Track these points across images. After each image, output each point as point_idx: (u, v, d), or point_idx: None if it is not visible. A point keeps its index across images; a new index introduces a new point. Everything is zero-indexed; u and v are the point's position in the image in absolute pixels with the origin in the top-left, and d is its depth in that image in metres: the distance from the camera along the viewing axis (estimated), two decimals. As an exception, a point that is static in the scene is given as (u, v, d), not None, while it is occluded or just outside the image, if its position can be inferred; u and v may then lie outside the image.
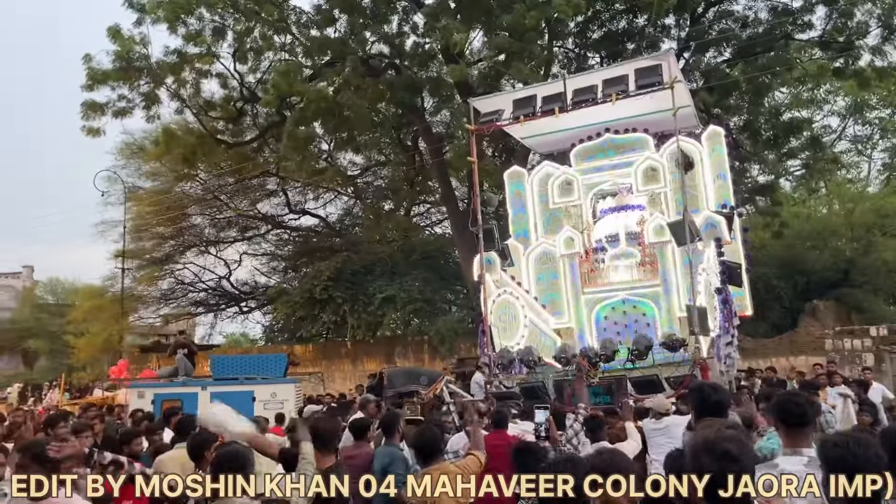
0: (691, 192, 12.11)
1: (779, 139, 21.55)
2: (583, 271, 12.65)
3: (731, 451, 2.37)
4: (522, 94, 12.77)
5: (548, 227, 13.67)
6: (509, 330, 12.08)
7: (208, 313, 31.63)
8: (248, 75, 23.59)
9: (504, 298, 12.21)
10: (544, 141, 14.17)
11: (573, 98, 11.84)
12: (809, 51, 21.62)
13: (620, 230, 12.49)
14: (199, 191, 28.60)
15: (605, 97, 11.54)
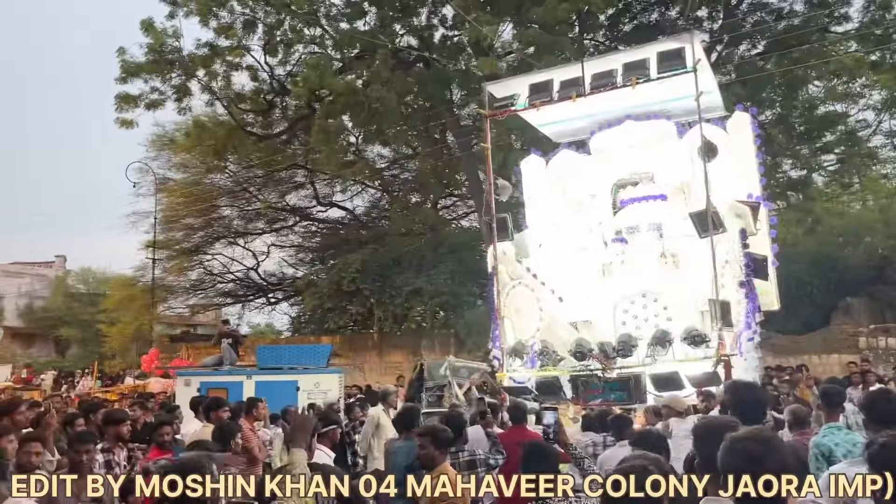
0: (716, 182, 11.39)
1: (813, 134, 21.22)
2: (603, 263, 12.27)
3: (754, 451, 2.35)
4: (539, 77, 12.18)
5: (566, 217, 13.18)
6: (524, 323, 11.74)
7: (236, 304, 31.98)
8: (278, 68, 23.78)
9: (519, 290, 11.90)
10: (563, 129, 13.60)
11: (592, 83, 11.32)
12: (845, 44, 21.23)
13: (642, 221, 12.09)
14: (229, 182, 28.87)
15: (626, 82, 11.00)
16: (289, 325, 32.31)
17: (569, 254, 12.62)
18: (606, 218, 12.77)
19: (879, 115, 26.29)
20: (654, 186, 12.37)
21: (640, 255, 11.92)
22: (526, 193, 13.77)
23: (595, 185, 12.91)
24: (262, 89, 23.99)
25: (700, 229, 10.38)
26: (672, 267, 11.54)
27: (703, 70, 10.96)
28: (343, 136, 23.78)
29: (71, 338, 34.85)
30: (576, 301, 12.35)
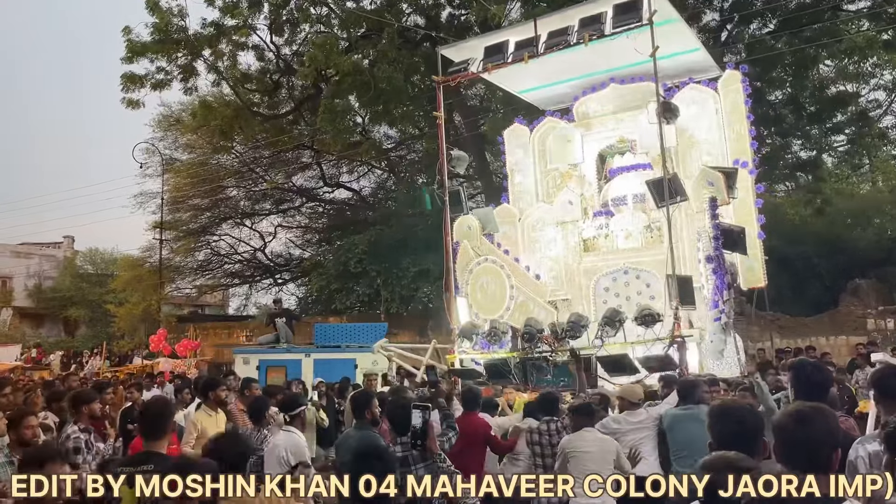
0: (706, 146, 10.99)
1: (823, 114, 21.00)
2: (585, 238, 11.65)
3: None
4: (493, 39, 11.58)
5: (547, 189, 12.52)
6: (491, 302, 10.99)
7: (243, 284, 32.11)
8: (284, 48, 23.66)
9: (486, 266, 11.11)
10: (548, 95, 12.86)
11: (547, 41, 10.62)
12: (857, 22, 20.93)
13: (628, 192, 11.38)
14: (235, 163, 28.84)
15: (580, 39, 10.26)
16: (296, 306, 32.42)
17: (548, 228, 12.04)
18: (589, 190, 12.12)
19: (891, 95, 26.01)
20: (641, 155, 11.56)
21: (625, 228, 11.34)
22: (508, 164, 13.05)
23: (577, 154, 12.07)
24: (269, 69, 23.88)
25: (657, 198, 9.76)
26: (657, 241, 10.90)
27: (680, 26, 10.36)
28: (349, 116, 23.67)
29: (79, 318, 35.05)
30: (555, 279, 11.81)
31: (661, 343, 9.08)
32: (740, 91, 11.07)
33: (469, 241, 11.66)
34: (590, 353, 9.25)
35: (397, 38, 20.25)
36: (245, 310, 34.04)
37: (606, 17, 10.19)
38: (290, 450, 5.37)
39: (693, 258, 10.16)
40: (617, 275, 11.21)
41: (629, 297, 10.93)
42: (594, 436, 5.59)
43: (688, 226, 10.46)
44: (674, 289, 9.15)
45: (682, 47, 10.97)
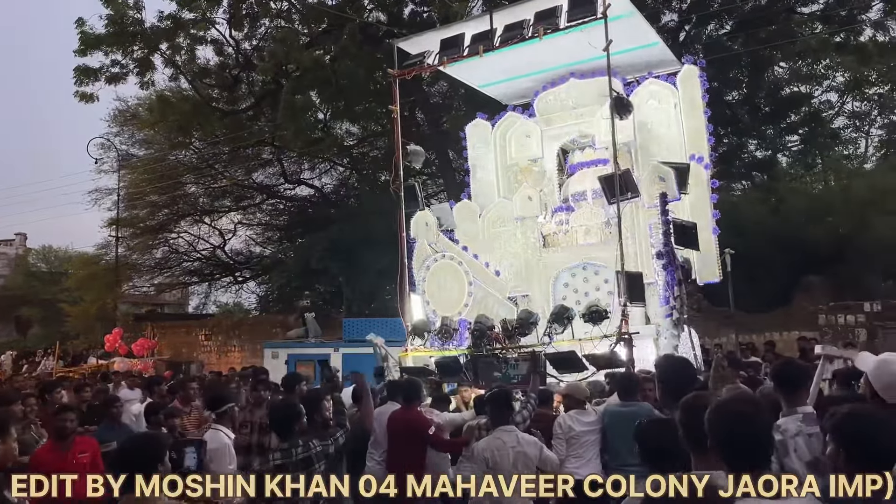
0: (666, 141, 10.99)
1: (778, 114, 21.45)
2: (544, 233, 11.60)
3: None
4: (449, 32, 11.44)
5: (508, 184, 12.44)
6: (448, 299, 10.83)
7: (203, 283, 31.63)
8: (243, 42, 23.36)
9: (443, 263, 10.95)
10: (509, 90, 12.77)
11: (503, 35, 10.52)
12: (811, 25, 21.44)
13: (587, 188, 11.37)
14: (194, 159, 28.36)
15: (534, 33, 10.15)
16: (256, 304, 32.09)
17: (508, 224, 11.92)
18: (549, 185, 12.06)
19: (843, 96, 26.72)
20: (601, 150, 11.46)
21: (584, 224, 11.29)
22: (470, 159, 12.97)
23: (537, 149, 12.04)
24: (228, 64, 23.57)
25: (608, 194, 9.73)
26: (616, 237, 10.52)
27: (637, 20, 10.26)
28: (310, 112, 23.48)
29: (32, 317, 34.18)
30: (515, 275, 11.72)
31: (609, 340, 9.02)
32: (698, 86, 11.10)
33: (426, 237, 11.54)
34: (538, 351, 9.09)
35: (359, 33, 20.13)
36: (205, 308, 33.61)
37: (561, 11, 10.13)
38: (210, 448, 5.43)
39: (647, 254, 10.19)
40: (576, 270, 11.19)
41: (588, 292, 10.92)
42: (513, 439, 5.17)
43: (643, 221, 10.45)
44: (623, 285, 9.12)
45: (641, 42, 10.91)
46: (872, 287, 19.25)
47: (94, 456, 5.63)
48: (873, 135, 28.12)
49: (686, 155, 10.80)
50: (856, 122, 27.71)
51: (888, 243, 19.45)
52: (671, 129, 11.11)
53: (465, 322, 10.74)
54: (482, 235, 12.11)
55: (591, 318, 9.27)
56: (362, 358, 12.10)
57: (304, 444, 4.66)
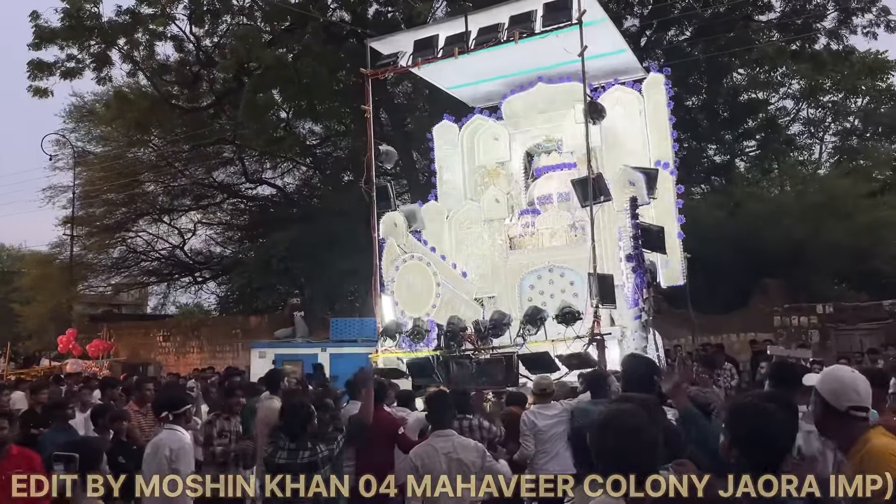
0: (630, 146, 11.20)
1: (735, 120, 21.85)
2: (510, 236, 11.74)
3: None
4: (423, 34, 11.51)
5: (475, 187, 12.54)
6: (417, 300, 10.84)
7: (161, 283, 31.06)
8: (204, 39, 23.02)
9: (412, 264, 10.96)
10: (477, 92, 12.85)
11: (477, 37, 10.61)
12: (768, 33, 21.91)
13: (553, 191, 11.59)
14: (153, 157, 27.82)
15: (510, 37, 10.27)
16: (216, 305, 31.64)
17: (476, 226, 12.07)
18: (516, 188, 12.21)
19: (798, 103, 27.37)
20: (567, 154, 11.74)
21: (550, 226, 11.46)
22: (437, 161, 13.03)
23: (504, 152, 12.20)
24: (188, 61, 23.18)
25: (581, 197, 9.88)
26: (581, 239, 10.99)
27: (606, 27, 10.42)
28: (272, 111, 23.23)
29: (-18, 318, 33.18)
30: (482, 276, 11.84)
31: (582, 341, 9.17)
32: (663, 93, 11.34)
33: (395, 237, 11.50)
34: (512, 352, 9.27)
35: (322, 32, 19.98)
36: (163, 309, 32.99)
37: (536, 16, 10.23)
38: (172, 448, 5.28)
39: (615, 257, 10.36)
40: (542, 272, 11.32)
41: (553, 294, 11.05)
42: (448, 445, 4.74)
43: (610, 225, 10.62)
44: (594, 287, 9.23)
45: (609, 48, 11.09)
46: (825, 290, 19.71)
47: (30, 472, 5.32)
48: (827, 141, 28.88)
49: (651, 160, 11.01)
50: (810, 129, 28.41)
51: (841, 247, 19.97)
52: (636, 135, 11.33)
53: (433, 322, 10.75)
54: (449, 237, 12.23)
55: (564, 320, 9.41)
56: (350, 357, 12.14)
57: (312, 447, 4.73)
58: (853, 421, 2.85)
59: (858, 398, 2.89)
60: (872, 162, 26.49)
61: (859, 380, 2.95)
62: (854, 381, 2.93)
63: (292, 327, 15.44)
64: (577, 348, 9.03)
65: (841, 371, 3.06)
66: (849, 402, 2.87)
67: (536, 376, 7.14)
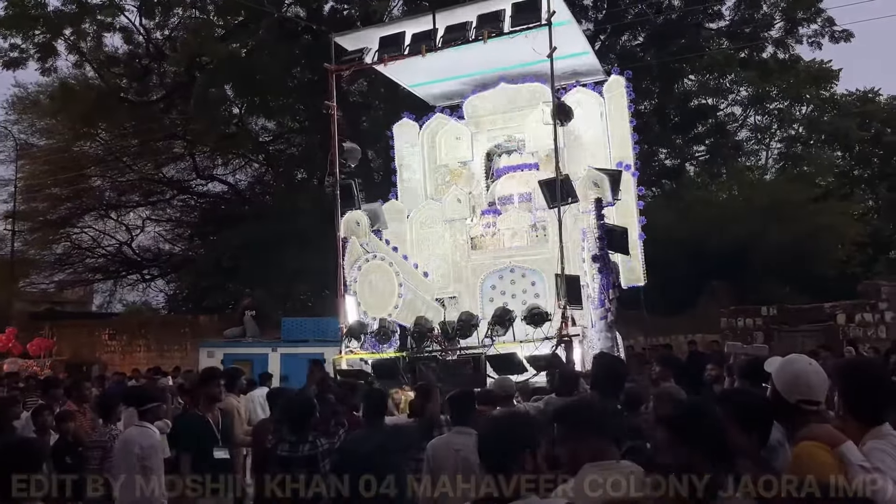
0: (592, 149, 11.23)
1: (686, 125, 22.29)
2: (472, 236, 11.68)
3: None
4: (389, 30, 11.31)
5: (436, 186, 12.45)
6: (380, 300, 10.62)
7: (107, 280, 30.26)
8: (155, 31, 22.50)
9: (374, 264, 10.72)
10: (438, 91, 12.75)
11: (445, 35, 10.48)
12: (718, 40, 22.41)
13: (515, 191, 11.55)
14: (100, 151, 27.06)
15: (478, 36, 10.17)
16: (164, 304, 30.97)
17: (437, 225, 11.97)
18: (477, 188, 12.16)
19: (746, 110, 28.05)
20: (528, 155, 11.71)
21: (512, 227, 11.43)
22: (397, 159, 12.89)
23: (466, 152, 12.12)
24: (138, 53, 22.66)
25: (549, 199, 9.86)
26: (542, 240, 11.00)
27: (571, 29, 10.39)
28: (225, 106, 22.85)
29: (-85, 315, 31.88)
30: (443, 276, 11.79)
31: (550, 342, 9.16)
32: (624, 95, 11.38)
33: (357, 237, 11.17)
34: (479, 353, 9.23)
35: (277, 28, 19.73)
36: (109, 307, 32.15)
37: (505, 16, 10.15)
38: (143, 445, 5.20)
39: (578, 258, 10.37)
40: (504, 273, 11.30)
41: (515, 295, 11.05)
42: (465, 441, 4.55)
43: (573, 226, 10.62)
44: (562, 288, 9.23)
45: (573, 50, 11.03)
46: (770, 292, 20.23)
47: None
48: (773, 148, 29.68)
49: (612, 162, 11.09)
50: (757, 135, 29.15)
51: (785, 251, 20.54)
52: (597, 137, 11.36)
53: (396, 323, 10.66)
54: (410, 236, 12.08)
55: (532, 321, 9.37)
56: (301, 358, 11.96)
57: (313, 440, 4.75)
58: (801, 414, 2.84)
59: (809, 391, 2.87)
60: (816, 169, 27.36)
61: (812, 373, 2.92)
62: (807, 375, 2.91)
63: (242, 327, 15.19)
64: (544, 350, 9.01)
65: (797, 363, 3.01)
66: (799, 394, 2.86)
67: (498, 379, 7.04)
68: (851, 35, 20.29)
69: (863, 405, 2.88)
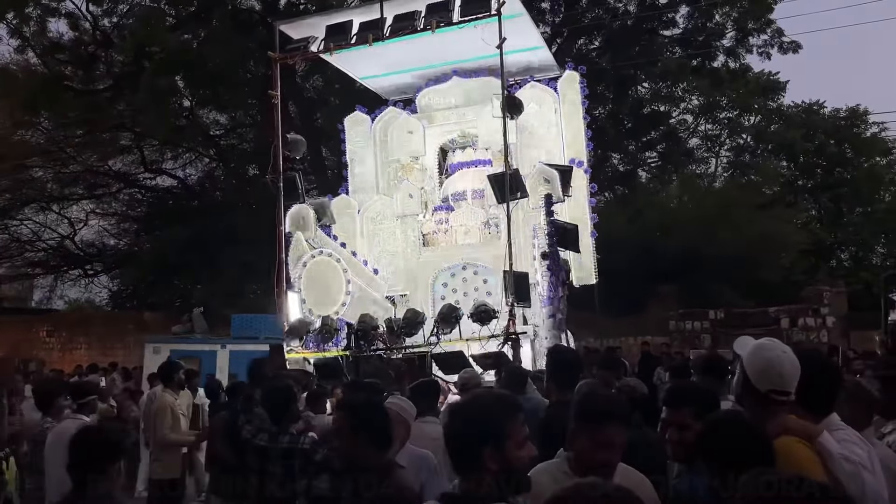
0: (547, 145, 11.17)
1: (639, 130, 22.59)
2: (424, 232, 11.51)
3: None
4: (336, 18, 11.05)
5: (388, 181, 12.21)
6: (325, 297, 10.42)
7: (48, 275, 29.22)
8: (102, 18, 21.81)
9: (320, 260, 10.52)
10: (391, 84, 12.52)
11: (392, 25, 10.27)
12: (671, 48, 22.78)
13: (468, 188, 11.42)
14: (42, 140, 26.12)
15: (427, 26, 9.99)
16: (108, 300, 30.07)
17: (388, 221, 11.74)
18: (430, 183, 12.00)
19: (697, 118, 28.62)
20: (482, 151, 11.55)
21: (464, 223, 11.27)
22: (348, 153, 12.57)
23: (419, 146, 11.85)
24: (84, 40, 21.91)
25: (498, 194, 9.71)
26: (496, 237, 10.85)
27: (523, 22, 10.32)
28: (175, 98, 22.27)
29: None
30: (394, 274, 11.56)
31: (497, 340, 9.04)
32: (578, 92, 11.30)
33: (303, 232, 10.93)
34: (425, 351, 9.09)
35: (230, 19, 19.32)
36: (49, 303, 31.07)
37: (454, 5, 9.99)
38: None
39: (529, 255, 10.27)
40: (456, 270, 11.14)
41: (467, 292, 10.90)
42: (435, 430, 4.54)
43: (525, 223, 10.51)
44: (510, 285, 9.11)
45: (526, 44, 11.00)
46: (717, 296, 20.61)
47: None
48: (722, 156, 30.35)
49: (565, 158, 10.98)
50: (707, 143, 29.79)
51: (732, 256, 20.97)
52: (550, 133, 11.25)
53: (343, 322, 10.44)
54: (360, 232, 11.80)
55: (479, 318, 9.22)
56: (250, 355, 11.68)
57: (296, 435, 4.52)
58: (772, 404, 2.68)
59: (781, 382, 2.70)
60: (762, 177, 28.05)
61: (787, 361, 2.73)
62: (780, 363, 2.72)
63: (190, 323, 14.84)
64: (491, 348, 8.91)
65: (770, 350, 2.80)
66: (770, 384, 2.69)
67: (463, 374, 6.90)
68: (800, 46, 20.87)
69: (813, 395, 2.79)
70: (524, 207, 10.36)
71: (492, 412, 2.24)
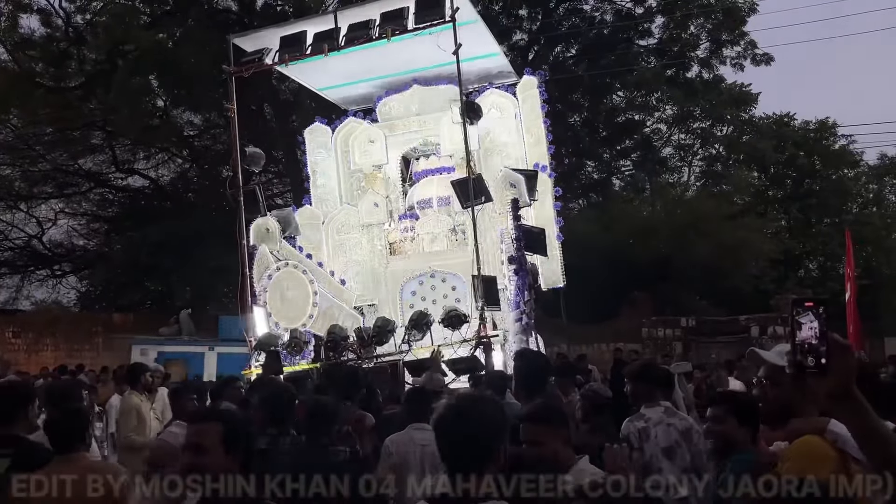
0: (510, 150, 11.21)
1: (613, 139, 22.78)
2: (390, 241, 11.45)
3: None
4: (290, 30, 10.97)
5: (351, 191, 12.18)
6: (293, 310, 10.21)
7: (14, 275, 28.66)
8: (75, 15, 21.49)
9: (286, 272, 10.28)
10: (350, 94, 12.48)
11: (346, 34, 10.21)
12: (647, 58, 23.03)
13: (433, 195, 11.37)
14: (10, 138, 25.62)
15: (381, 34, 9.92)
16: (75, 301, 29.56)
17: (354, 231, 11.66)
18: (395, 192, 11.99)
19: (671, 128, 28.93)
20: (446, 158, 11.51)
21: (431, 231, 11.25)
22: (310, 164, 12.49)
23: (381, 155, 11.79)
24: (56, 37, 21.57)
25: (462, 199, 9.67)
26: (463, 244, 10.80)
27: (478, 28, 10.34)
28: (148, 97, 22.00)
29: None
30: (361, 284, 11.49)
31: (468, 345, 9.01)
32: (537, 96, 11.33)
33: (268, 244, 10.71)
34: (397, 359, 9.03)
35: (206, 20, 19.15)
36: (15, 303, 30.46)
37: (409, 13, 9.93)
38: None
39: (496, 260, 10.27)
40: (423, 278, 11.09)
41: (435, 300, 10.85)
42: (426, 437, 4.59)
43: (491, 227, 10.51)
44: (479, 290, 9.09)
45: (482, 51, 11.00)
46: (689, 304, 20.84)
47: None
48: (695, 165, 30.68)
49: (529, 163, 11.03)
50: (681, 153, 30.09)
51: (704, 265, 21.21)
52: (512, 138, 11.29)
53: (310, 334, 10.27)
54: (326, 243, 11.70)
55: (450, 323, 9.20)
56: (238, 357, 11.60)
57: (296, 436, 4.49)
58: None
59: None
60: (734, 187, 28.41)
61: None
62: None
63: (177, 325, 14.69)
64: (463, 353, 8.87)
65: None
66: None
67: (427, 374, 6.91)
68: (772, 58, 21.27)
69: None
70: (490, 213, 10.37)
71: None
